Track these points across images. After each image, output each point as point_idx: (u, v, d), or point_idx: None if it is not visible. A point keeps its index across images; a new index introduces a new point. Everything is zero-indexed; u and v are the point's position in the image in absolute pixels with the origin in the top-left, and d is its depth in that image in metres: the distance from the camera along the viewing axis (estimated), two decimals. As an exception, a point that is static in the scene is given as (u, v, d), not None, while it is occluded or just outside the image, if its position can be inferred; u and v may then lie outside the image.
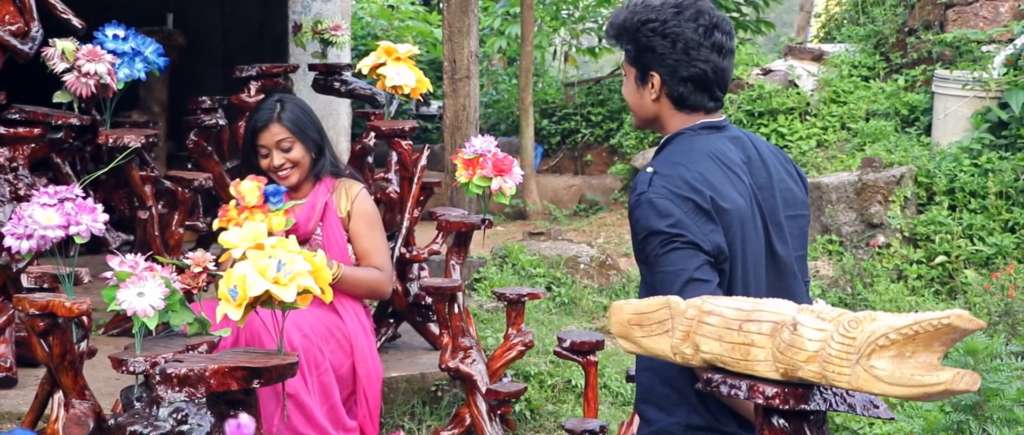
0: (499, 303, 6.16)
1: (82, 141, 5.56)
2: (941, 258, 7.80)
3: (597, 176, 11.06)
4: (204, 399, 2.83)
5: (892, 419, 2.63)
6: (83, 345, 3.40)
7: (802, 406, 2.03)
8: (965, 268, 7.69)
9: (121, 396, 3.25)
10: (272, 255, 2.59)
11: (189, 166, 6.09)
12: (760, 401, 2.05)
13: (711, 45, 2.61)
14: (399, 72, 4.74)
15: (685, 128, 2.65)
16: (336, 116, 8.19)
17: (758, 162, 2.67)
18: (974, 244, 7.82)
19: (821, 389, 2.06)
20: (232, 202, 4.21)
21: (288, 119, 4.41)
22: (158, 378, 2.60)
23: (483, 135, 4.45)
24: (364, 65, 4.77)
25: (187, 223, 5.27)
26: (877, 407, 2.14)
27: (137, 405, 3.13)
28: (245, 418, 1.27)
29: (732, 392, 2.08)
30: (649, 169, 2.56)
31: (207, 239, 5.57)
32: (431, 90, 4.97)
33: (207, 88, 6.97)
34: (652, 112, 2.69)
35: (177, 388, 2.60)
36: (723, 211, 2.52)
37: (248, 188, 4.17)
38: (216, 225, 4.21)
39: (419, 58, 4.89)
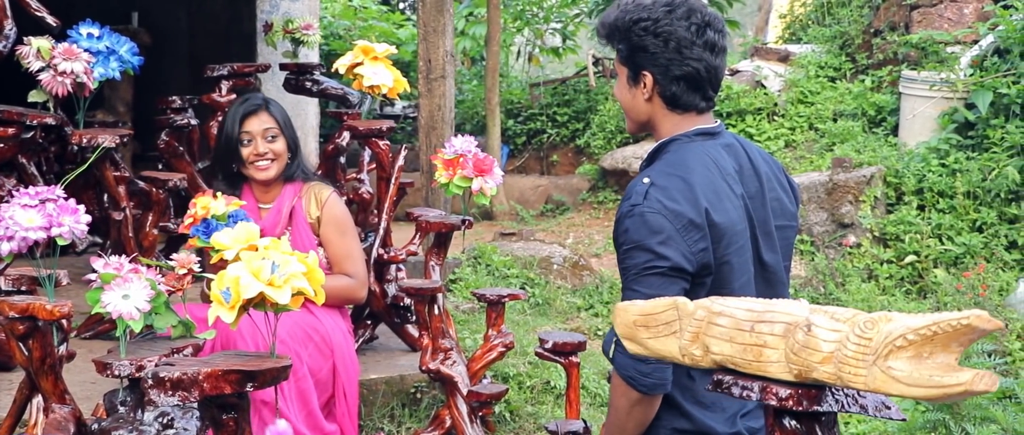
0: (476, 304, 6.12)
1: (47, 141, 5.46)
2: (911, 258, 7.85)
3: (563, 176, 11.05)
4: (194, 403, 2.78)
5: (904, 420, 2.61)
6: (63, 348, 3.33)
7: (815, 407, 2.01)
8: (934, 267, 7.74)
9: (104, 400, 3.19)
10: (266, 257, 2.54)
11: (159, 166, 6.01)
12: (773, 402, 2.02)
13: (704, 43, 2.57)
14: (376, 72, 4.69)
15: (679, 134, 2.62)
16: (304, 116, 8.12)
17: (750, 171, 2.65)
18: (943, 244, 7.87)
19: (833, 390, 2.04)
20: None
21: (277, 111, 4.45)
22: (150, 382, 2.54)
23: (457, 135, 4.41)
24: (341, 64, 4.72)
25: (160, 224, 5.19)
26: (889, 408, 2.11)
27: (121, 409, 3.06)
28: (283, 425, 1.23)
29: (744, 393, 2.06)
30: (645, 180, 2.51)
31: (177, 241, 5.47)
32: (408, 90, 4.92)
33: (173, 88, 6.89)
34: (645, 113, 2.65)
35: (170, 392, 2.54)
36: (715, 225, 2.50)
37: (206, 201, 3.73)
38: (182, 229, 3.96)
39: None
